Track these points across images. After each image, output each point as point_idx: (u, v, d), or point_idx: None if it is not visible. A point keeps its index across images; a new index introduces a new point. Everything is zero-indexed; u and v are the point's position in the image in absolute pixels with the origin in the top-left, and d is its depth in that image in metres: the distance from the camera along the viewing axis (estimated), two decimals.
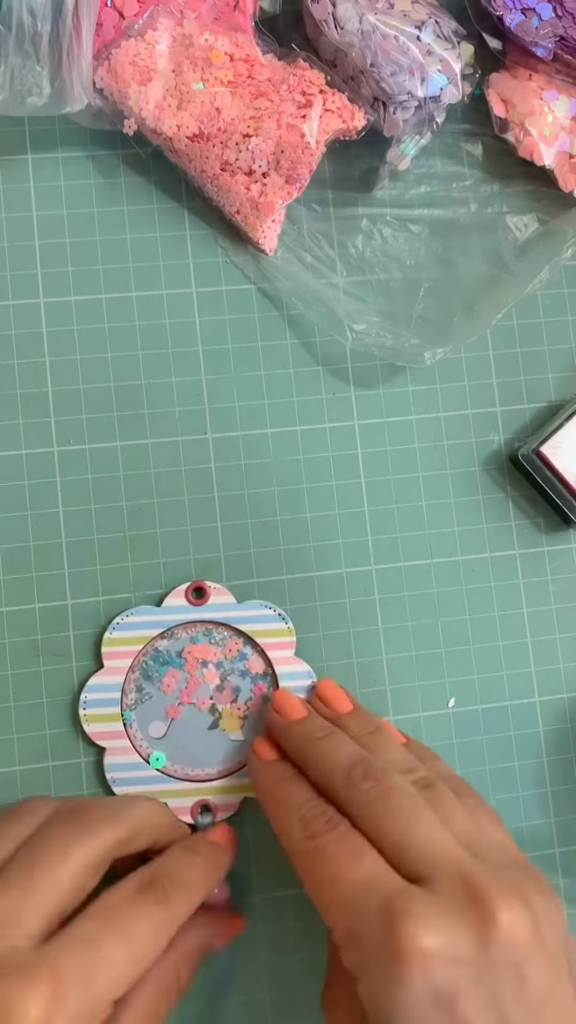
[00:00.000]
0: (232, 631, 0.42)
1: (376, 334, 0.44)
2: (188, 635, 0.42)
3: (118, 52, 0.42)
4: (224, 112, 0.42)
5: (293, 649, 0.42)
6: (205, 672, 0.42)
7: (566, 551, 0.45)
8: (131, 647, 0.41)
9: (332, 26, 0.43)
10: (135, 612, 0.42)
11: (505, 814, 0.43)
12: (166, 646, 0.42)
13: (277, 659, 0.42)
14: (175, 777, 0.41)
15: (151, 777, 0.41)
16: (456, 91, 0.44)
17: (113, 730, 0.41)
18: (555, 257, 0.44)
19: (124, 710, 0.41)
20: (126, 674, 0.41)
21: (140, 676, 0.41)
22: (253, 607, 0.42)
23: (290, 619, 0.42)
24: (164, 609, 0.42)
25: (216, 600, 0.42)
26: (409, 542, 0.44)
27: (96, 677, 0.41)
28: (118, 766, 0.41)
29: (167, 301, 0.44)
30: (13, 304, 0.43)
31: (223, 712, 0.42)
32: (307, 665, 0.42)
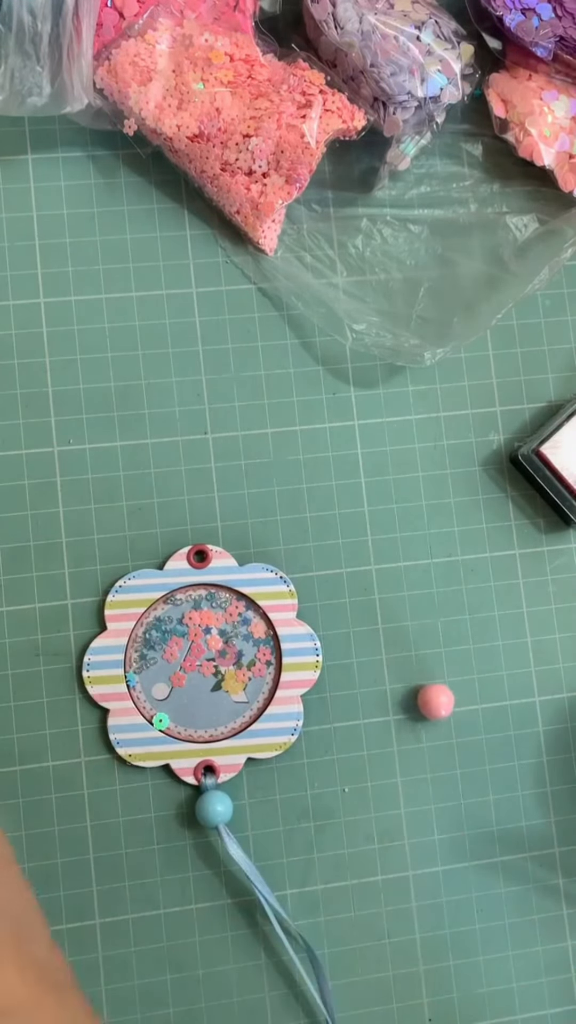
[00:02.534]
0: (234, 594, 0.42)
1: (376, 334, 0.44)
2: (190, 599, 0.42)
3: (118, 52, 0.42)
4: (224, 112, 0.42)
5: (295, 612, 0.42)
6: (208, 639, 0.42)
7: (566, 551, 0.45)
8: (134, 610, 0.41)
9: (332, 26, 0.43)
10: (137, 575, 0.42)
11: (505, 814, 0.43)
12: (168, 612, 0.42)
13: (279, 621, 0.42)
14: (178, 738, 0.41)
15: (154, 738, 0.41)
16: (456, 91, 0.44)
17: (116, 692, 0.41)
18: (555, 257, 0.44)
19: (127, 672, 0.41)
20: (128, 636, 0.41)
21: (143, 644, 0.42)
22: (255, 570, 0.42)
23: (291, 582, 0.42)
24: (166, 572, 0.42)
25: (218, 563, 0.42)
26: (409, 542, 0.44)
27: (99, 639, 0.41)
28: (122, 727, 0.41)
29: (167, 301, 0.44)
30: (13, 304, 0.43)
31: (226, 674, 0.42)
32: (309, 627, 0.42)
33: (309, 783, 0.42)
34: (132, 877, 0.41)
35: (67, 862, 0.41)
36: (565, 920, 0.43)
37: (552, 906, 0.43)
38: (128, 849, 0.41)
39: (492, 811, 0.43)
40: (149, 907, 0.41)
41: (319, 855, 0.42)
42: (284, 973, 0.41)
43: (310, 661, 0.42)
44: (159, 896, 0.41)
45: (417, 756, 0.43)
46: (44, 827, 0.41)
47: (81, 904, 0.41)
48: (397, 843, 0.42)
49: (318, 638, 0.42)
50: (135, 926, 0.41)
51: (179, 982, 0.41)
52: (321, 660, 0.42)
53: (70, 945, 0.40)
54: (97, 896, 0.41)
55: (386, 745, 0.43)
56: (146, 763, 0.41)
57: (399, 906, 0.42)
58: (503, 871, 0.43)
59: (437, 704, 0.42)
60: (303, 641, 0.42)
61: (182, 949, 0.41)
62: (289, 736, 0.42)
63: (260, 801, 0.42)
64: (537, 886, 0.43)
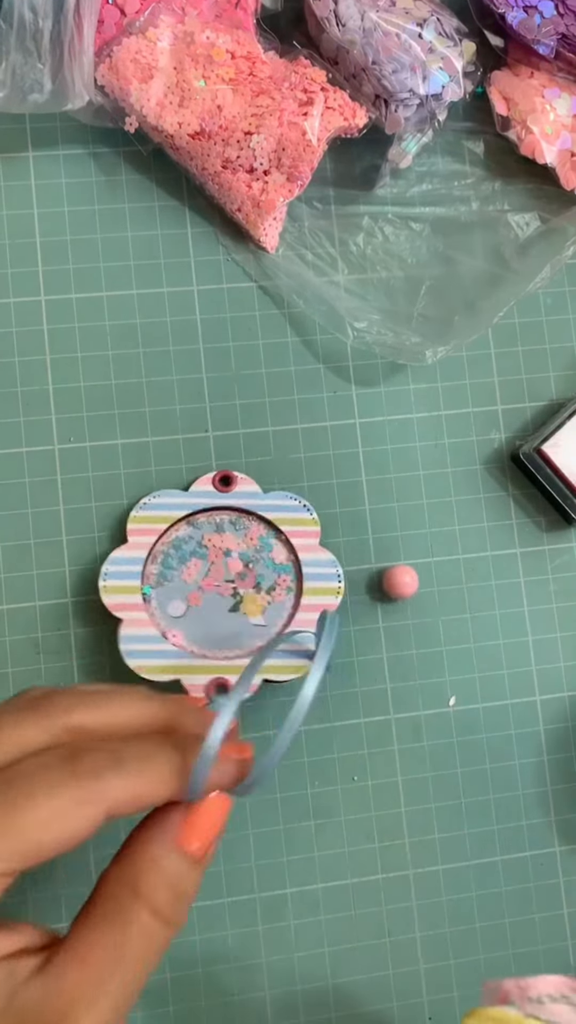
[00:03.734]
0: (256, 519, 0.42)
1: (377, 332, 0.44)
2: (212, 523, 0.42)
3: (119, 49, 0.42)
4: (225, 110, 0.42)
5: (318, 538, 0.42)
6: (229, 561, 0.41)
7: (567, 550, 0.45)
8: (156, 525, 0.41)
9: (334, 23, 0.43)
10: (162, 494, 0.42)
11: (505, 813, 0.43)
12: (189, 532, 0.42)
13: (301, 547, 0.42)
14: (191, 653, 0.40)
15: (166, 651, 0.40)
16: (458, 89, 0.44)
17: (132, 602, 0.40)
18: (556, 255, 0.44)
19: (145, 584, 0.41)
20: (148, 552, 0.41)
21: (162, 561, 0.41)
22: (278, 497, 0.42)
23: (314, 509, 0.42)
24: (191, 493, 0.42)
25: (242, 488, 0.42)
26: (410, 540, 0.44)
27: (119, 551, 0.41)
28: (134, 638, 0.40)
29: (168, 299, 0.44)
30: (14, 301, 0.43)
31: (244, 596, 0.41)
32: (331, 554, 0.42)
33: (309, 782, 0.42)
34: None
35: (67, 860, 0.41)
36: (565, 919, 0.43)
37: (552, 905, 0.43)
38: None
39: (492, 810, 0.43)
40: None
41: (319, 854, 0.42)
42: (284, 972, 0.41)
43: (332, 587, 0.42)
44: None
45: (417, 755, 0.43)
46: None
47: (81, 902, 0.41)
48: (397, 842, 0.42)
49: (338, 563, 0.42)
50: None
51: (179, 981, 0.41)
52: (343, 587, 0.41)
53: None
54: None
55: (386, 744, 0.43)
56: (156, 676, 0.40)
57: (399, 905, 0.42)
58: (503, 870, 0.43)
59: (401, 583, 0.42)
60: (325, 567, 0.42)
61: (183, 947, 0.41)
62: (308, 660, 0.40)
63: (260, 800, 0.42)
64: (537, 885, 0.43)
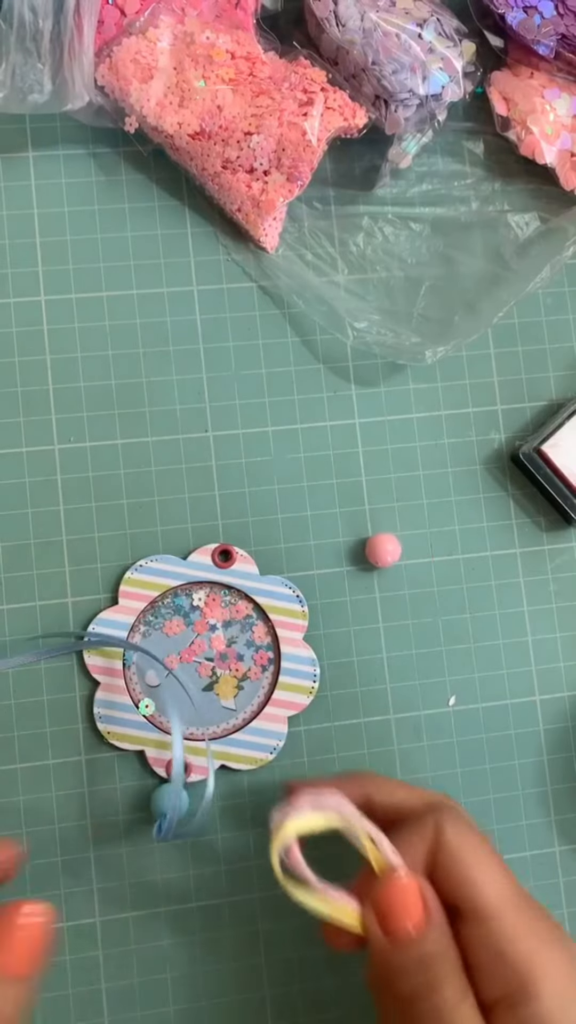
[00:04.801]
0: (248, 600, 0.42)
1: (377, 332, 0.44)
2: (204, 592, 0.42)
3: (119, 50, 0.42)
4: (225, 110, 0.42)
5: (303, 633, 0.42)
6: (212, 637, 0.42)
7: (567, 549, 0.45)
8: (148, 591, 0.41)
9: (334, 24, 0.43)
10: (160, 559, 0.42)
11: (505, 812, 0.43)
12: (180, 601, 0.42)
13: (284, 638, 0.42)
14: (159, 728, 0.41)
15: (136, 722, 0.41)
16: (458, 89, 0.44)
17: (111, 667, 0.41)
18: (556, 255, 0.44)
19: (126, 652, 0.41)
20: (137, 617, 0.41)
21: (150, 619, 0.42)
22: (274, 582, 0.42)
23: (306, 603, 0.42)
24: (189, 563, 0.42)
25: (240, 567, 0.42)
26: (410, 540, 0.44)
27: (108, 612, 0.41)
28: (107, 703, 0.41)
29: (168, 299, 0.44)
30: (14, 302, 0.43)
31: (221, 677, 0.42)
32: (311, 651, 0.42)
33: None
34: (132, 876, 0.41)
35: (67, 860, 0.41)
36: (565, 920, 0.43)
37: (552, 905, 0.43)
38: (127, 848, 0.41)
39: (492, 810, 0.43)
40: (149, 906, 0.41)
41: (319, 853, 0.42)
42: (284, 972, 0.41)
43: (305, 686, 0.42)
44: (160, 895, 0.41)
45: (418, 755, 0.43)
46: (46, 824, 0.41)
47: (81, 903, 0.41)
48: None
49: (319, 665, 0.42)
50: (135, 925, 0.41)
51: (179, 981, 0.41)
52: (316, 688, 0.42)
53: (70, 944, 0.40)
54: (97, 894, 0.41)
55: (386, 744, 0.43)
56: (122, 744, 0.41)
57: None
58: None
59: (384, 551, 0.42)
60: (303, 664, 0.42)
61: (183, 947, 0.41)
62: (267, 754, 0.41)
63: (260, 799, 0.42)
64: (537, 885, 0.43)
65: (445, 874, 0.30)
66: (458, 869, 0.29)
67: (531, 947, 0.28)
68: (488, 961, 0.28)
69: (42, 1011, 0.40)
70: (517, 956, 0.28)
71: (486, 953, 0.28)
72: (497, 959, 0.28)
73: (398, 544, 0.43)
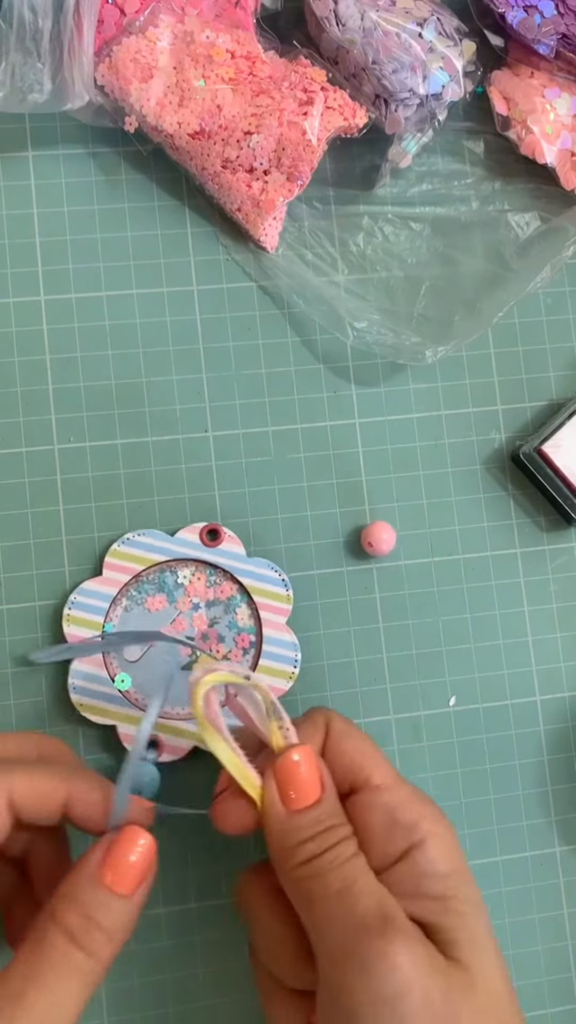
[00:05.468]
0: (233, 581, 0.42)
1: (377, 332, 0.44)
2: (189, 570, 0.42)
3: (119, 49, 0.42)
4: (225, 109, 0.42)
5: (286, 617, 0.42)
6: (195, 615, 0.41)
7: (567, 549, 0.45)
8: (133, 564, 0.41)
9: (334, 23, 0.42)
10: (148, 533, 0.42)
11: (506, 813, 0.43)
12: (164, 577, 0.42)
13: (267, 621, 0.42)
14: (134, 704, 0.41)
15: (110, 695, 0.40)
16: (458, 88, 0.44)
17: (91, 638, 0.41)
18: (556, 255, 0.44)
19: (107, 622, 0.41)
20: (119, 589, 0.41)
21: (134, 593, 0.41)
22: (260, 564, 0.42)
23: (292, 587, 0.42)
24: (176, 540, 0.42)
25: (227, 547, 0.42)
26: (410, 540, 0.44)
27: (91, 582, 0.41)
28: (83, 674, 0.40)
29: (168, 298, 0.44)
30: (14, 301, 0.43)
31: (200, 657, 0.41)
32: (294, 636, 0.42)
33: None
34: None
35: None
36: (565, 919, 0.43)
37: (552, 905, 0.43)
38: None
39: (492, 810, 0.43)
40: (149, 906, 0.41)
41: None
42: None
43: (285, 670, 0.42)
44: (159, 895, 0.41)
45: (418, 755, 0.43)
46: None
47: None
48: None
49: (300, 648, 0.42)
50: None
51: (179, 981, 0.41)
52: (297, 673, 0.42)
53: None
54: None
55: (386, 744, 0.43)
56: (94, 717, 0.40)
57: None
58: (503, 870, 0.43)
59: (379, 539, 0.42)
60: (285, 648, 0.42)
61: (183, 947, 0.41)
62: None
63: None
64: (537, 885, 0.43)
65: (338, 758, 0.33)
66: (351, 753, 0.33)
67: (419, 810, 0.32)
68: (382, 824, 0.32)
69: None
70: (409, 816, 0.32)
71: (381, 817, 0.32)
72: (391, 822, 0.32)
73: (393, 532, 0.43)
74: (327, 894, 0.30)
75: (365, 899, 0.30)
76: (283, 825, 0.31)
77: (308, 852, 0.31)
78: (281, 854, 0.31)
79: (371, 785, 0.33)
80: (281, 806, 0.32)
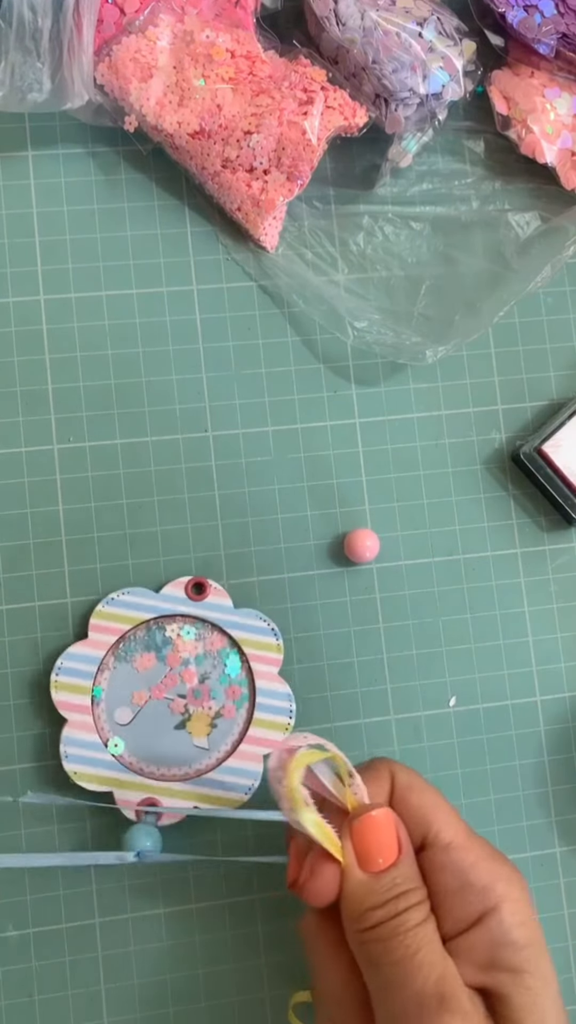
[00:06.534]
0: (222, 634, 0.42)
1: (377, 331, 0.44)
2: (177, 626, 0.41)
3: (119, 48, 0.42)
4: (225, 109, 0.41)
5: (278, 667, 0.41)
6: (184, 672, 0.41)
7: (567, 550, 0.45)
8: (119, 624, 0.41)
9: (334, 23, 0.42)
10: (132, 592, 0.41)
11: (506, 813, 0.43)
12: (152, 635, 0.41)
13: (259, 672, 0.41)
14: (129, 768, 0.40)
15: (105, 761, 0.40)
16: (458, 88, 0.44)
17: (80, 703, 0.40)
18: (557, 255, 0.44)
19: (95, 686, 0.40)
20: (107, 651, 0.40)
21: (121, 654, 0.41)
22: (248, 615, 0.42)
23: (281, 636, 0.42)
24: (161, 596, 0.41)
25: (214, 600, 0.42)
26: (410, 540, 0.44)
27: (77, 646, 0.40)
28: (75, 741, 0.40)
29: (168, 298, 0.44)
30: (13, 301, 0.43)
31: (193, 715, 0.41)
32: (287, 686, 0.41)
33: None
34: (132, 877, 0.41)
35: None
36: (566, 919, 0.43)
37: (552, 906, 0.43)
38: None
39: (493, 811, 0.43)
40: (149, 906, 0.41)
41: None
42: (284, 972, 0.41)
43: (281, 722, 0.41)
44: (160, 895, 0.41)
45: (418, 755, 0.43)
46: None
47: (81, 903, 0.41)
48: None
49: (295, 700, 0.41)
50: (135, 925, 0.41)
51: (179, 981, 0.41)
52: (293, 724, 0.41)
53: (69, 944, 0.40)
54: (97, 895, 0.41)
55: (386, 744, 0.43)
56: (90, 785, 0.39)
57: None
58: None
59: (362, 547, 0.42)
60: (279, 700, 0.41)
61: (183, 948, 0.41)
62: (242, 794, 0.40)
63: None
64: (538, 886, 0.43)
65: (405, 813, 0.32)
66: (419, 808, 0.32)
67: (493, 871, 0.31)
68: (454, 886, 0.31)
69: (42, 1011, 0.40)
70: (482, 878, 0.31)
71: (452, 879, 0.31)
72: (463, 884, 0.31)
73: (377, 540, 0.43)
74: (390, 960, 0.29)
75: (425, 972, 0.29)
76: (357, 888, 0.31)
77: (376, 918, 0.30)
78: (351, 915, 0.31)
79: (441, 843, 0.32)
80: (358, 869, 0.31)
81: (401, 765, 0.34)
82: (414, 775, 0.33)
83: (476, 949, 0.30)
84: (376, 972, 0.30)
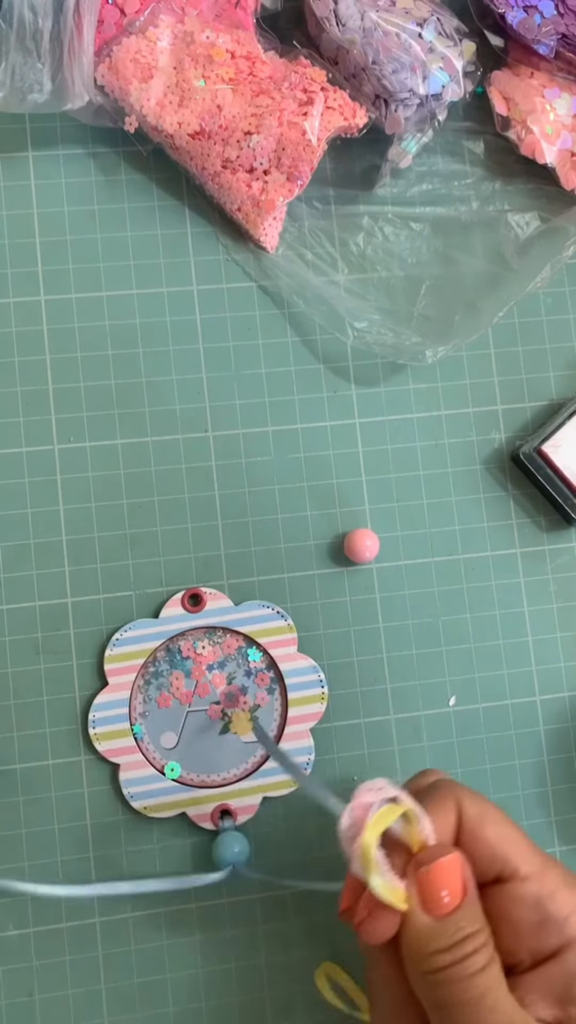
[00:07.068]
0: (232, 633, 0.42)
1: (377, 332, 0.44)
2: (189, 641, 0.42)
3: (119, 49, 0.42)
4: (225, 109, 0.42)
5: (295, 646, 0.42)
6: (212, 677, 0.41)
7: (567, 550, 0.45)
8: (133, 661, 0.41)
9: (334, 23, 0.42)
10: (133, 626, 0.41)
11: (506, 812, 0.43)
12: (169, 658, 0.42)
13: (280, 657, 0.42)
14: (192, 785, 0.41)
15: (169, 788, 0.40)
16: (458, 89, 0.44)
17: (125, 746, 0.41)
18: (556, 255, 0.44)
19: (133, 724, 0.41)
20: (131, 688, 0.41)
21: (145, 686, 0.41)
22: (251, 608, 0.42)
23: (289, 616, 0.42)
24: (162, 620, 0.42)
25: (213, 605, 0.42)
26: (410, 540, 0.44)
27: (102, 695, 0.41)
28: (134, 780, 0.40)
29: (168, 299, 0.44)
30: (14, 301, 0.43)
31: (232, 716, 0.41)
32: (311, 660, 0.42)
33: None
34: (132, 877, 0.41)
35: (67, 860, 0.41)
36: None
37: None
38: (127, 848, 0.41)
39: None
40: (149, 906, 0.41)
41: (321, 854, 0.42)
42: (284, 972, 0.41)
43: (315, 694, 0.42)
44: (159, 895, 0.41)
45: (418, 755, 0.43)
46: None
47: (81, 903, 0.41)
48: None
49: (321, 668, 0.42)
50: (135, 925, 0.41)
51: (179, 981, 0.41)
52: (327, 691, 0.42)
53: (70, 944, 0.40)
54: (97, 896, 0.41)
55: (386, 744, 0.43)
56: (163, 814, 0.40)
57: None
58: None
59: (362, 547, 0.42)
60: (307, 675, 0.42)
61: (183, 948, 0.41)
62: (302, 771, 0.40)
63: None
64: None
65: (478, 847, 0.31)
66: (493, 841, 0.31)
67: (572, 902, 0.30)
68: (531, 919, 0.30)
69: (42, 1010, 0.40)
70: (561, 910, 0.30)
71: (529, 912, 0.30)
72: (541, 917, 0.30)
73: (376, 540, 0.43)
74: (457, 1002, 0.29)
75: (496, 1017, 0.28)
76: (421, 931, 0.29)
77: (442, 962, 0.29)
78: (414, 957, 0.30)
79: (519, 876, 0.30)
80: (421, 912, 0.30)
81: (468, 790, 0.32)
82: (485, 803, 0.32)
83: (553, 983, 0.29)
84: (440, 1013, 0.29)
